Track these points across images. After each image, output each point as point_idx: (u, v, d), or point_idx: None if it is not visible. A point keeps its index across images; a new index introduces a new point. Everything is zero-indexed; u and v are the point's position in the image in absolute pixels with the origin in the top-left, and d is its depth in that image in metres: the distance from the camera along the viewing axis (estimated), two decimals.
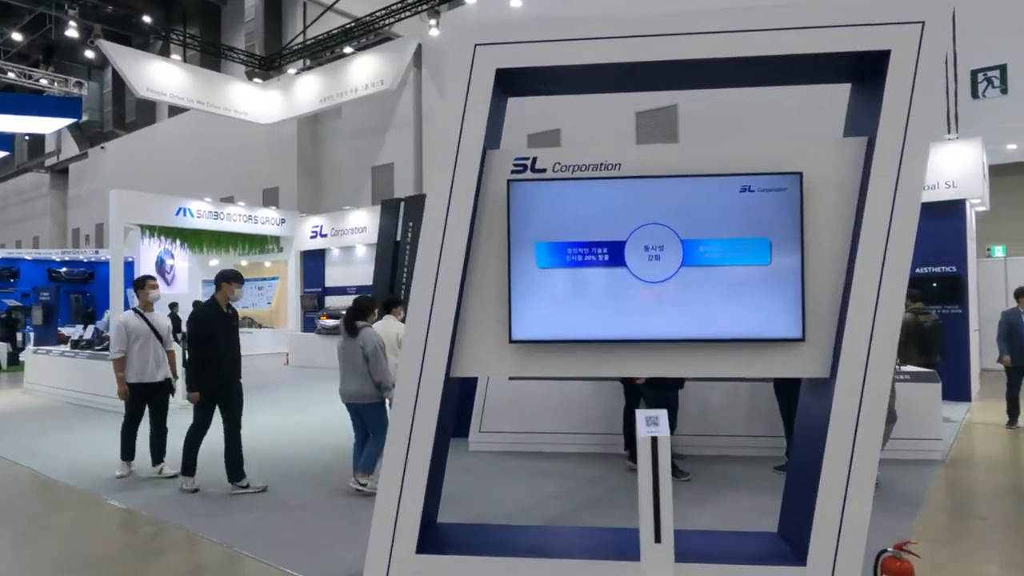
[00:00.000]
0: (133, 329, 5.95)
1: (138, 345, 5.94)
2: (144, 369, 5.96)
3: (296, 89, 19.95)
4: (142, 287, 6.14)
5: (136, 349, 5.93)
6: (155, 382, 6.02)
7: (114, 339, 6.01)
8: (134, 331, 5.94)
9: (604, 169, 3.41)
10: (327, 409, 9.42)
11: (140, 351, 5.94)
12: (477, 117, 3.36)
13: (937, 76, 3.12)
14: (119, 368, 5.91)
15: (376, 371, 5.31)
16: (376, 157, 21.41)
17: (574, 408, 6.63)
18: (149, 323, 6.04)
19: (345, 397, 5.49)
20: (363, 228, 16.96)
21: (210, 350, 5.34)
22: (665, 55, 3.25)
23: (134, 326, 5.97)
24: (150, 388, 6.01)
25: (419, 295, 3.40)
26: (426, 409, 3.39)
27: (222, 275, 5.53)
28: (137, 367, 5.93)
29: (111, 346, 6.04)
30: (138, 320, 6.02)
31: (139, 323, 6.00)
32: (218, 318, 5.44)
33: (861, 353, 3.14)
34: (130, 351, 5.92)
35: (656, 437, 3.11)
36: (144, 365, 5.96)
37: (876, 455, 3.15)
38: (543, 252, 3.33)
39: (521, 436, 6.64)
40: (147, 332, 6.00)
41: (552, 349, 3.37)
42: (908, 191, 3.12)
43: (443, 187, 3.38)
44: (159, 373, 6.06)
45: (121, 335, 5.93)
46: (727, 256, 3.26)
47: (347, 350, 5.49)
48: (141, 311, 6.09)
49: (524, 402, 6.70)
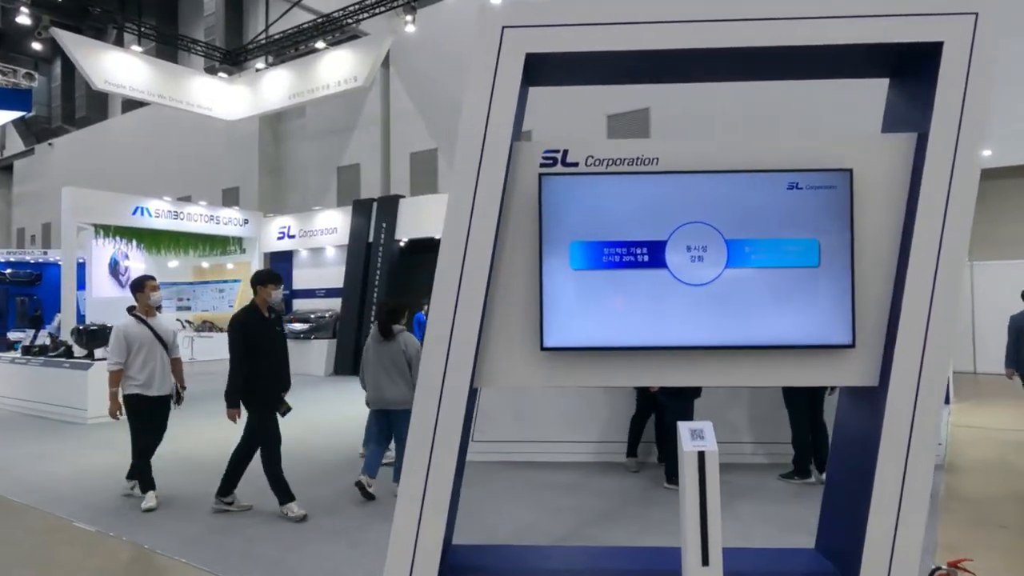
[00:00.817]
0: (135, 337, 5.23)
1: (142, 355, 5.23)
2: (151, 380, 5.25)
3: (263, 85, 19.28)
4: (142, 289, 5.40)
5: (140, 360, 5.22)
6: (160, 396, 5.31)
7: (112, 348, 5.25)
8: (136, 339, 5.23)
9: (641, 164, 3.18)
10: (298, 417, 8.98)
11: (146, 361, 5.24)
12: (505, 106, 3.09)
13: (991, 70, 2.99)
14: (114, 382, 5.19)
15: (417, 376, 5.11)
16: (341, 157, 20.87)
17: (575, 415, 6.41)
18: (152, 329, 5.35)
19: (378, 403, 5.40)
20: (334, 229, 16.46)
21: (255, 360, 4.89)
22: (709, 43, 3.04)
23: (135, 334, 5.25)
24: (153, 402, 5.29)
25: (441, 299, 3.11)
26: (449, 424, 3.10)
27: (257, 277, 5.09)
28: (144, 379, 5.22)
29: (109, 356, 5.28)
30: (140, 327, 5.30)
31: (141, 330, 5.29)
32: (261, 324, 4.99)
33: (914, 360, 2.97)
34: (132, 362, 5.20)
35: (703, 452, 2.90)
36: (151, 376, 5.24)
37: (931, 470, 2.98)
38: (578, 252, 3.08)
39: (519, 445, 6.38)
40: (151, 339, 5.29)
41: (587, 357, 3.12)
42: (962, 190, 2.97)
43: (467, 183, 3.10)
44: (166, 385, 5.37)
45: (120, 344, 5.19)
46: (774, 257, 3.06)
47: (382, 354, 5.39)
48: (142, 316, 5.38)
49: (522, 409, 6.44)
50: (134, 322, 5.33)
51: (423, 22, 17.97)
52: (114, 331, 5.32)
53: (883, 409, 3.00)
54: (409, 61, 19.38)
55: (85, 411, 9.00)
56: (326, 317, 15.67)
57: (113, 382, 5.19)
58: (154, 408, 5.30)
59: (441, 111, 18.65)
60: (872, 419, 3.09)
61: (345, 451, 6.98)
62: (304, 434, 7.70)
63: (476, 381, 3.15)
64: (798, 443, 5.64)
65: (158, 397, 5.29)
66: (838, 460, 3.43)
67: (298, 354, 15.52)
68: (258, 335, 4.93)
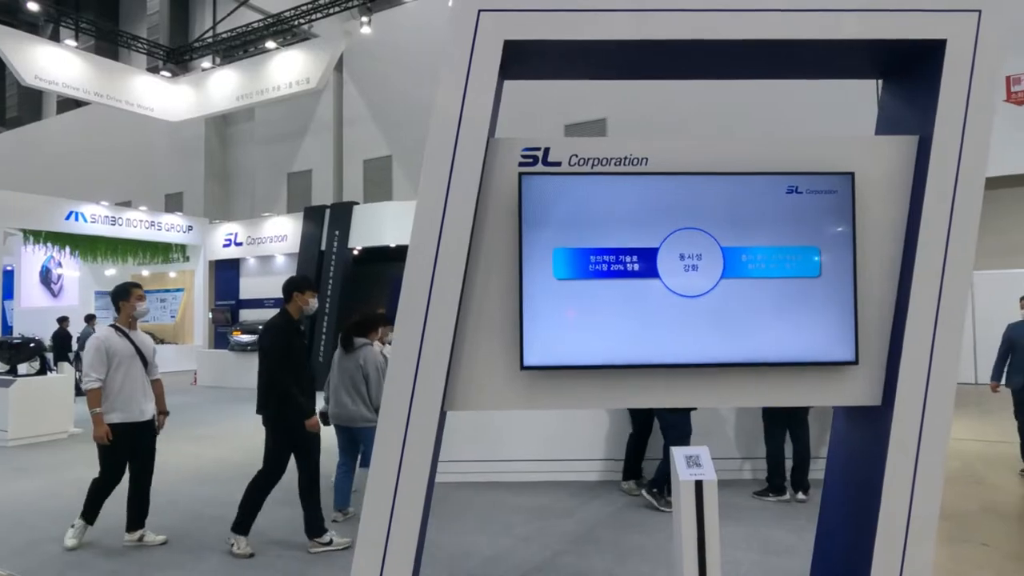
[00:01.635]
0: (116, 351, 4.51)
1: (122, 372, 4.50)
2: (130, 404, 4.50)
3: (210, 85, 18.49)
4: (126, 297, 4.69)
5: (120, 377, 4.49)
6: (143, 421, 4.60)
7: (90, 363, 4.47)
8: (117, 354, 4.50)
9: (629, 164, 2.91)
10: (245, 437, 8.44)
11: (125, 380, 4.50)
12: (481, 98, 2.78)
13: (996, 71, 2.83)
14: (96, 401, 4.41)
15: (377, 395, 4.82)
16: (292, 163, 20.24)
17: (545, 431, 6.10)
18: (135, 344, 4.63)
19: (335, 418, 5.09)
20: (283, 236, 15.83)
21: (292, 372, 4.38)
22: (697, 34, 2.80)
23: (117, 347, 4.52)
24: (137, 429, 4.56)
25: (408, 313, 2.77)
26: (416, 457, 2.75)
27: (293, 284, 4.61)
28: (122, 402, 4.47)
29: (85, 372, 4.48)
30: (121, 340, 4.58)
31: (123, 343, 4.57)
32: (296, 335, 4.53)
33: (920, 377, 2.77)
34: (111, 380, 4.47)
35: (701, 481, 2.63)
36: (130, 399, 4.51)
37: (938, 494, 2.78)
38: (561, 260, 2.79)
39: (482, 465, 6.02)
40: (131, 355, 4.58)
41: (572, 377, 2.82)
42: (968, 196, 2.79)
43: (438, 184, 2.78)
44: (148, 408, 4.64)
45: (101, 358, 4.45)
46: (773, 267, 2.83)
47: (343, 366, 5.09)
48: (123, 328, 4.66)
49: (485, 426, 6.10)
50: (115, 334, 4.60)
51: (378, 26, 17.57)
52: (92, 343, 4.54)
53: (887, 431, 2.79)
54: (363, 66, 18.94)
55: (6, 432, 8.28)
56: None
57: (95, 401, 4.41)
58: (135, 436, 4.55)
59: (396, 117, 18.25)
60: (874, 442, 2.88)
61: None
62: (253, 457, 7.16)
63: (448, 405, 2.81)
64: (772, 458, 5.46)
65: (139, 423, 4.56)
66: (834, 485, 3.21)
67: (245, 367, 14.84)
68: (294, 347, 4.46)
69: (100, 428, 4.39)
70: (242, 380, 14.51)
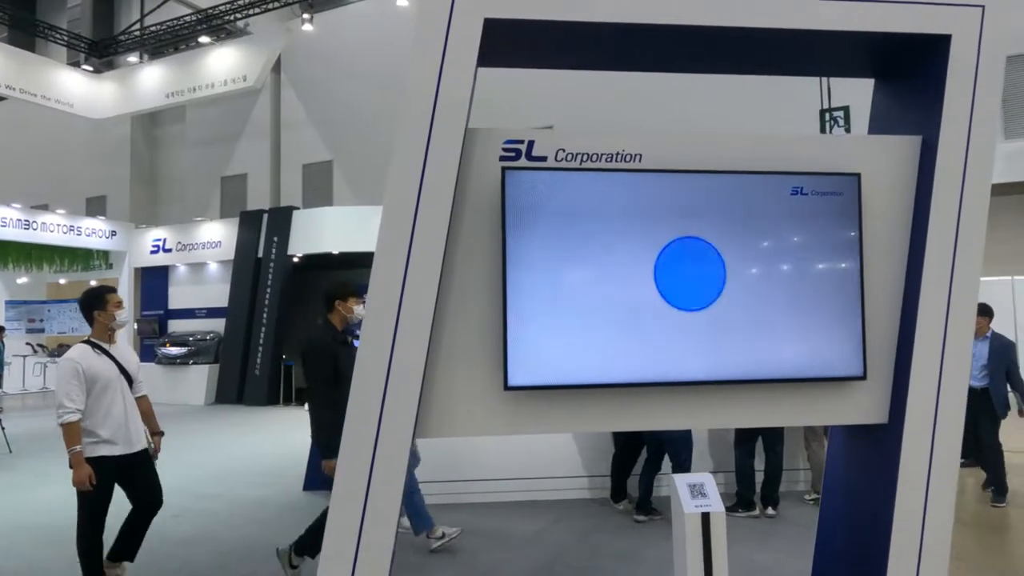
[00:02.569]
0: (97, 373, 3.59)
1: (108, 397, 3.60)
2: (120, 433, 3.62)
3: (137, 81, 17.39)
4: (101, 304, 3.71)
5: (105, 403, 3.59)
6: (139, 450, 3.73)
7: (65, 390, 3.50)
8: (96, 376, 3.59)
9: (621, 160, 2.63)
10: (172, 460, 7.76)
11: (112, 405, 3.61)
12: (459, 82, 2.46)
13: (1000, 69, 2.70)
14: (75, 437, 3.47)
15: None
16: (226, 167, 19.29)
17: (515, 448, 5.75)
18: (116, 361, 3.73)
19: None
20: (217, 243, 14.95)
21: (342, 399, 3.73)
22: (700, 19, 2.56)
23: (98, 368, 3.60)
24: (129, 462, 3.66)
25: (375, 326, 2.41)
26: (385, 490, 2.39)
27: (335, 290, 4.00)
28: (110, 431, 3.59)
29: (60, 402, 3.50)
30: (99, 357, 3.65)
31: (104, 363, 3.65)
32: (343, 348, 3.90)
33: (931, 392, 2.59)
34: (94, 408, 3.56)
35: (708, 513, 2.36)
36: (117, 426, 3.62)
37: (951, 514, 2.60)
38: (550, 267, 2.48)
39: (445, 486, 5.62)
40: (115, 375, 3.67)
41: (561, 397, 2.51)
42: (975, 198, 2.64)
43: (410, 178, 2.44)
44: (140, 434, 3.76)
45: (77, 382, 3.51)
46: (777, 276, 2.60)
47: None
48: (101, 344, 3.71)
49: (451, 444, 5.71)
50: (92, 352, 3.65)
51: (319, 28, 16.96)
52: (64, 365, 3.58)
53: (895, 451, 2.60)
54: (303, 68, 18.24)
55: None
56: (207, 339, 14.16)
57: (74, 437, 3.48)
58: (128, 470, 3.68)
59: (337, 122, 17.65)
60: (879, 463, 2.69)
61: (242, 503, 5.95)
62: (185, 483, 6.54)
63: (421, 431, 2.46)
64: (742, 470, 5.29)
65: (133, 454, 3.68)
66: (834, 507, 3.01)
67: (173, 381, 13.93)
68: (340, 361, 3.79)
69: (81, 471, 3.45)
70: (171, 395, 13.60)
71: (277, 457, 7.54)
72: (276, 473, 4.36)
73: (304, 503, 5.79)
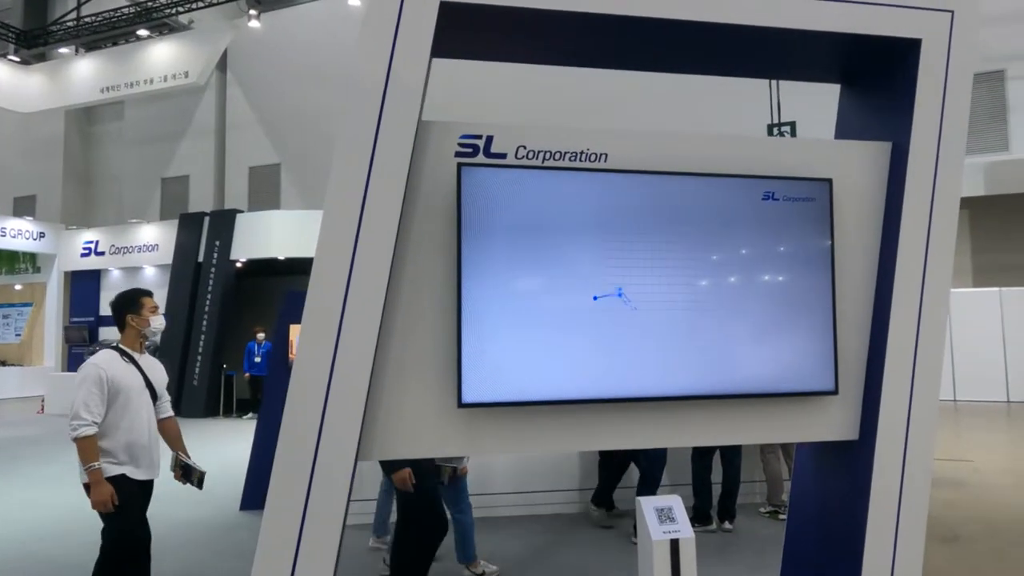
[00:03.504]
0: (121, 382, 3.12)
1: (130, 412, 3.13)
2: (140, 454, 3.14)
3: (70, 74, 16.49)
4: (137, 309, 3.26)
5: (126, 420, 3.11)
6: (151, 479, 3.24)
7: (83, 400, 3.03)
8: (120, 386, 3.11)
9: (586, 159, 2.46)
10: None
11: (133, 422, 3.14)
12: (411, 68, 2.25)
13: (969, 74, 2.64)
14: (93, 453, 2.99)
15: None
16: (167, 168, 18.55)
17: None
18: (143, 373, 3.27)
19: None
20: (154, 246, 14.24)
21: None
22: (661, 11, 2.41)
23: (123, 377, 3.14)
24: (144, 488, 3.21)
25: (313, 338, 2.16)
26: (322, 518, 2.13)
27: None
28: (129, 451, 3.10)
29: (75, 411, 3.03)
30: (126, 366, 3.19)
31: (130, 372, 3.19)
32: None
33: (902, 408, 2.50)
34: (116, 422, 3.09)
35: (677, 539, 2.19)
36: (139, 447, 3.14)
37: (922, 534, 2.51)
38: (509, 274, 2.28)
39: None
40: (140, 388, 3.21)
41: (520, 415, 2.31)
42: (946, 204, 2.57)
43: (355, 175, 2.21)
44: (156, 461, 3.25)
45: (98, 391, 3.05)
46: (748, 285, 2.46)
47: None
48: (130, 351, 3.26)
49: None
50: (119, 359, 3.19)
51: (268, 28, 16.47)
52: (85, 371, 3.11)
53: (866, 469, 2.50)
54: (250, 68, 17.70)
55: None
56: None
57: (92, 452, 3.00)
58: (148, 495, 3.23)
59: (286, 124, 17.17)
60: (848, 481, 2.58)
61: (170, 525, 5.49)
62: None
63: (364, 454, 2.22)
64: (699, 483, 5.18)
65: (146, 481, 3.20)
66: (803, 524, 2.89)
67: None
68: None
69: (102, 490, 2.97)
70: None
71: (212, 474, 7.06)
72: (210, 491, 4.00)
73: (241, 524, 5.41)
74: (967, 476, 6.38)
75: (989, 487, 6.01)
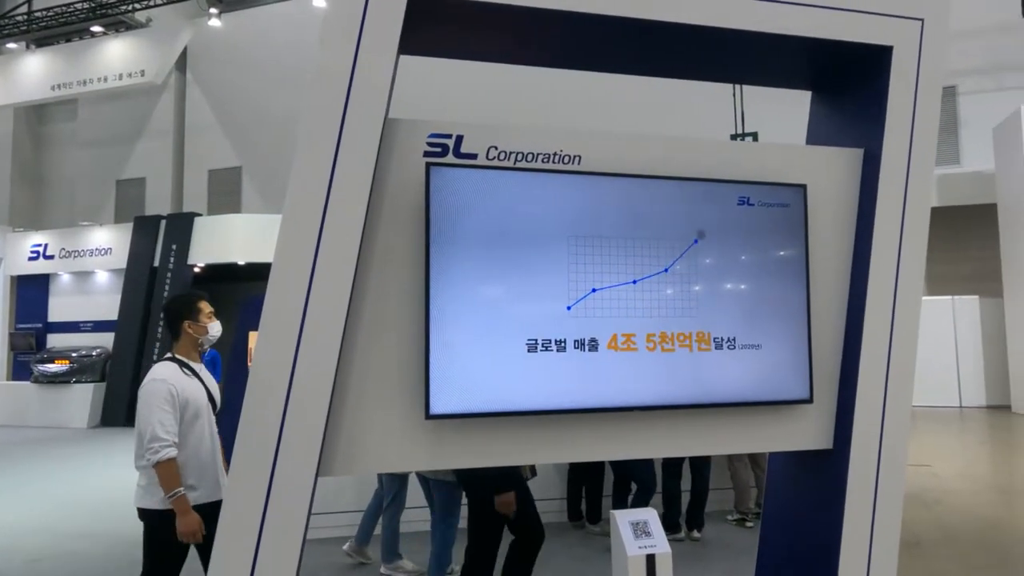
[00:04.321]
0: (189, 397, 2.84)
1: (196, 430, 2.85)
2: (204, 475, 2.85)
3: (18, 69, 15.86)
4: (194, 315, 2.98)
5: (193, 439, 2.83)
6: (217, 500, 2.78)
7: (156, 417, 2.71)
8: (191, 402, 2.84)
9: (559, 161, 2.38)
10: (47, 493, 6.89)
11: (199, 441, 2.86)
12: (378, 62, 2.14)
13: (939, 82, 2.64)
14: (176, 478, 2.69)
15: None
16: (122, 170, 17.98)
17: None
18: (205, 385, 2.97)
19: None
20: (107, 250, 13.73)
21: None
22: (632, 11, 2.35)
23: (190, 392, 2.86)
24: (211, 513, 2.57)
25: (271, 347, 2.04)
26: (279, 537, 2.00)
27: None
28: (195, 473, 2.82)
29: (152, 433, 2.69)
30: (190, 379, 2.90)
31: (194, 386, 2.90)
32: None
33: (875, 416, 2.48)
34: (181, 442, 2.77)
35: (653, 555, 2.12)
36: (204, 467, 2.87)
37: (896, 542, 2.48)
38: (479, 279, 2.19)
39: (346, 517, 5.16)
40: (205, 403, 2.93)
41: (491, 426, 2.21)
42: (917, 211, 2.56)
43: (317, 175, 2.09)
44: (223, 481, 2.92)
45: (171, 408, 2.75)
46: (722, 291, 2.41)
47: None
48: (189, 363, 2.96)
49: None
50: (180, 371, 2.88)
51: (229, 29, 16.12)
52: (154, 388, 2.77)
53: (840, 479, 2.46)
54: (211, 69, 17.29)
55: None
56: (93, 356, 12.92)
57: (176, 476, 2.70)
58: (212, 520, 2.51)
59: (247, 126, 16.81)
60: (825, 489, 2.55)
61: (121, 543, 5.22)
62: (48, 521, 5.75)
63: (325, 469, 2.09)
64: (668, 492, 5.14)
65: (215, 503, 2.73)
66: (776, 533, 2.84)
67: (52, 402, 12.62)
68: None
69: (190, 520, 2.67)
70: (47, 418, 12.32)
71: None
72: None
73: None
74: (926, 480, 6.49)
75: (947, 491, 6.11)
